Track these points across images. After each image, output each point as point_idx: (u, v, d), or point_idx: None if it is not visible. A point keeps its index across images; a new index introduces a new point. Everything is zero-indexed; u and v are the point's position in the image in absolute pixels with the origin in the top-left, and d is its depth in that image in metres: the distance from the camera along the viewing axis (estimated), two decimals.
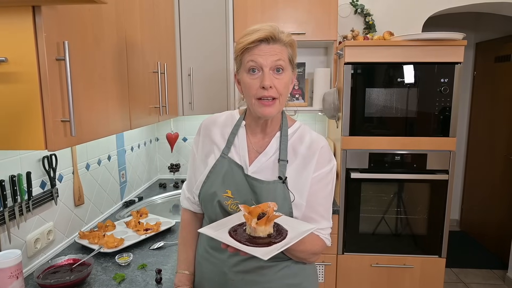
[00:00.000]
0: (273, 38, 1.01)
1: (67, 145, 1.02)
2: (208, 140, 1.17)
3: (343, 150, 2.23)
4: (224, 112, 1.23)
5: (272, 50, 1.01)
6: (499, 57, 3.68)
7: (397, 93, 2.17)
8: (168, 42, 1.96)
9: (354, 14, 2.65)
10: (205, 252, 1.16)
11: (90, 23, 1.14)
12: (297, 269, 1.11)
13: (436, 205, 2.27)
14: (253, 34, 1.01)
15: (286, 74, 1.04)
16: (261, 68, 1.01)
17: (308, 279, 1.15)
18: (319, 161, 1.09)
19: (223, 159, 1.12)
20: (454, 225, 4.40)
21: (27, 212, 1.37)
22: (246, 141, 1.14)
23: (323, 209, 1.11)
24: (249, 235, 0.91)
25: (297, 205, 1.06)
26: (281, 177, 1.05)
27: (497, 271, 3.35)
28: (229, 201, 1.07)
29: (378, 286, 2.35)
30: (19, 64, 0.91)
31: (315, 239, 1.08)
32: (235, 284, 1.07)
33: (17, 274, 1.12)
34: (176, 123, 2.82)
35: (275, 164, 1.09)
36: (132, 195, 2.37)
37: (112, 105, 1.30)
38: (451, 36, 2.05)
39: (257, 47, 1.01)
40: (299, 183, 1.07)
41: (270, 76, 1.01)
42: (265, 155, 1.10)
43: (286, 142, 1.11)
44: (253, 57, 1.02)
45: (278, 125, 1.14)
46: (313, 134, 1.14)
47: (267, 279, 1.07)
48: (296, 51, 1.08)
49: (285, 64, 1.03)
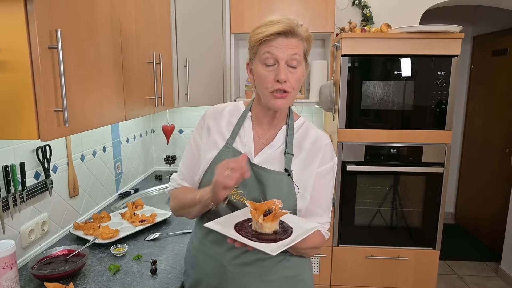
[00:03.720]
0: (291, 32, 1.00)
1: (60, 135, 1.01)
2: (212, 129, 1.16)
3: (339, 143, 2.23)
4: (229, 103, 1.22)
5: (290, 44, 1.00)
6: (496, 51, 3.68)
7: (394, 86, 2.16)
8: (163, 32, 1.94)
9: (352, 6, 2.63)
10: (202, 245, 1.15)
11: (83, 11, 1.12)
12: (295, 261, 1.14)
13: (431, 198, 2.28)
14: (271, 26, 1.00)
15: (300, 69, 1.04)
16: (277, 61, 1.01)
17: (305, 271, 1.17)
18: (323, 157, 1.11)
19: (227, 149, 1.11)
20: (448, 218, 4.43)
21: (21, 202, 1.36)
22: (252, 132, 1.14)
23: (325, 204, 1.14)
24: (255, 231, 0.92)
25: (301, 198, 1.08)
26: (287, 170, 1.07)
27: (490, 263, 3.39)
28: (233, 191, 1.06)
29: (373, 278, 2.37)
30: (10, 53, 0.90)
31: (316, 235, 1.10)
32: (234, 276, 1.08)
33: (11, 264, 1.11)
34: (172, 115, 2.81)
35: (281, 157, 1.10)
36: (127, 187, 2.36)
37: (107, 95, 1.29)
38: (449, 28, 2.04)
39: (275, 40, 1.00)
40: (304, 177, 1.09)
41: (285, 70, 1.01)
42: (271, 147, 1.11)
43: (292, 135, 1.12)
44: (270, 49, 1.00)
45: (285, 119, 1.15)
46: (317, 131, 1.17)
47: (265, 271, 1.09)
48: (311, 45, 1.08)
49: (300, 58, 1.03)
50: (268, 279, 1.09)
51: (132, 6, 1.51)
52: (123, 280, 1.27)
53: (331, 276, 2.38)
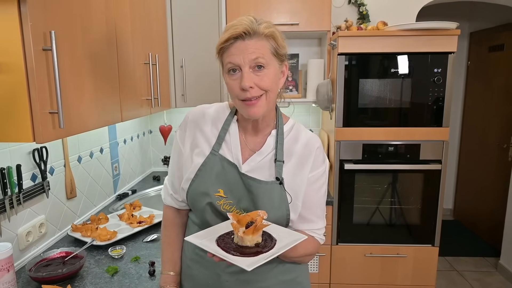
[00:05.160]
0: (248, 33, 0.92)
1: (55, 137, 1.01)
2: (196, 134, 1.08)
3: (337, 141, 2.23)
4: (214, 104, 1.14)
5: (249, 46, 0.92)
6: (493, 47, 3.68)
7: (391, 84, 2.16)
8: (159, 33, 1.93)
9: (348, 4, 2.63)
10: (195, 254, 1.10)
11: (78, 13, 1.11)
12: (291, 265, 1.10)
13: (430, 194, 2.28)
14: (226, 32, 0.93)
15: (270, 69, 0.95)
16: (240, 68, 0.93)
17: (302, 273, 1.14)
18: (315, 161, 1.05)
19: (213, 156, 1.04)
20: (447, 214, 4.44)
21: (18, 205, 1.36)
22: (239, 138, 1.07)
23: (319, 210, 1.09)
24: (236, 244, 0.89)
25: (293, 206, 1.03)
26: (278, 178, 1.01)
27: (489, 259, 3.40)
28: (221, 201, 1.01)
29: (372, 276, 2.37)
30: (4, 55, 0.89)
31: (309, 242, 1.05)
32: (230, 285, 1.04)
33: (8, 267, 1.11)
34: (169, 115, 2.81)
35: (271, 164, 1.04)
36: (125, 188, 2.36)
37: (102, 96, 1.28)
38: (445, 25, 2.04)
39: (232, 46, 0.93)
40: (295, 184, 1.04)
41: (250, 76, 0.93)
42: (260, 155, 1.05)
43: (283, 141, 1.06)
44: (230, 57, 0.94)
45: (273, 122, 1.08)
46: (308, 133, 1.10)
47: (262, 278, 1.05)
48: (280, 41, 0.98)
49: (267, 59, 0.94)
50: (265, 285, 1.06)
51: (128, 7, 1.50)
52: (121, 282, 1.27)
53: (331, 274, 2.38)
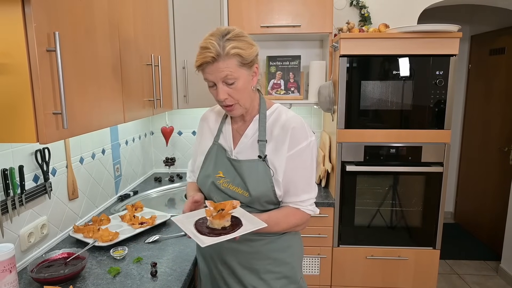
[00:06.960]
0: (216, 58, 1.07)
1: (59, 138, 1.01)
2: (205, 129, 1.36)
3: (339, 143, 2.23)
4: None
5: (218, 68, 1.09)
6: (494, 50, 3.69)
7: (392, 86, 2.17)
8: (162, 34, 1.93)
9: (350, 7, 2.63)
10: None
11: (81, 14, 1.12)
12: (283, 245, 1.26)
13: (431, 197, 2.28)
14: (199, 56, 1.10)
15: (239, 81, 1.12)
16: (214, 83, 1.13)
17: (293, 256, 1.28)
18: (292, 140, 1.18)
19: (214, 145, 1.30)
20: (448, 217, 4.44)
21: (20, 206, 1.36)
22: (231, 127, 1.29)
23: (302, 184, 1.21)
24: (207, 227, 1.09)
25: (275, 181, 1.18)
26: (260, 156, 1.19)
27: (490, 262, 3.39)
28: (221, 180, 1.23)
29: (373, 278, 2.36)
30: (8, 56, 0.90)
31: (293, 214, 1.21)
32: (228, 251, 1.24)
33: (10, 268, 1.11)
34: (171, 116, 2.81)
35: (254, 144, 1.21)
36: (127, 189, 2.36)
37: (105, 97, 1.29)
38: (446, 28, 2.05)
39: (206, 67, 1.10)
40: (276, 162, 1.19)
41: (223, 89, 1.12)
42: (246, 137, 1.24)
43: (265, 123, 1.22)
44: (206, 75, 1.13)
45: (256, 109, 1.25)
46: (288, 114, 1.23)
47: (255, 250, 1.23)
48: (248, 51, 1.11)
49: (236, 74, 1.10)
50: (257, 257, 1.23)
51: (131, 8, 1.50)
52: (123, 283, 1.27)
53: (332, 276, 2.37)
